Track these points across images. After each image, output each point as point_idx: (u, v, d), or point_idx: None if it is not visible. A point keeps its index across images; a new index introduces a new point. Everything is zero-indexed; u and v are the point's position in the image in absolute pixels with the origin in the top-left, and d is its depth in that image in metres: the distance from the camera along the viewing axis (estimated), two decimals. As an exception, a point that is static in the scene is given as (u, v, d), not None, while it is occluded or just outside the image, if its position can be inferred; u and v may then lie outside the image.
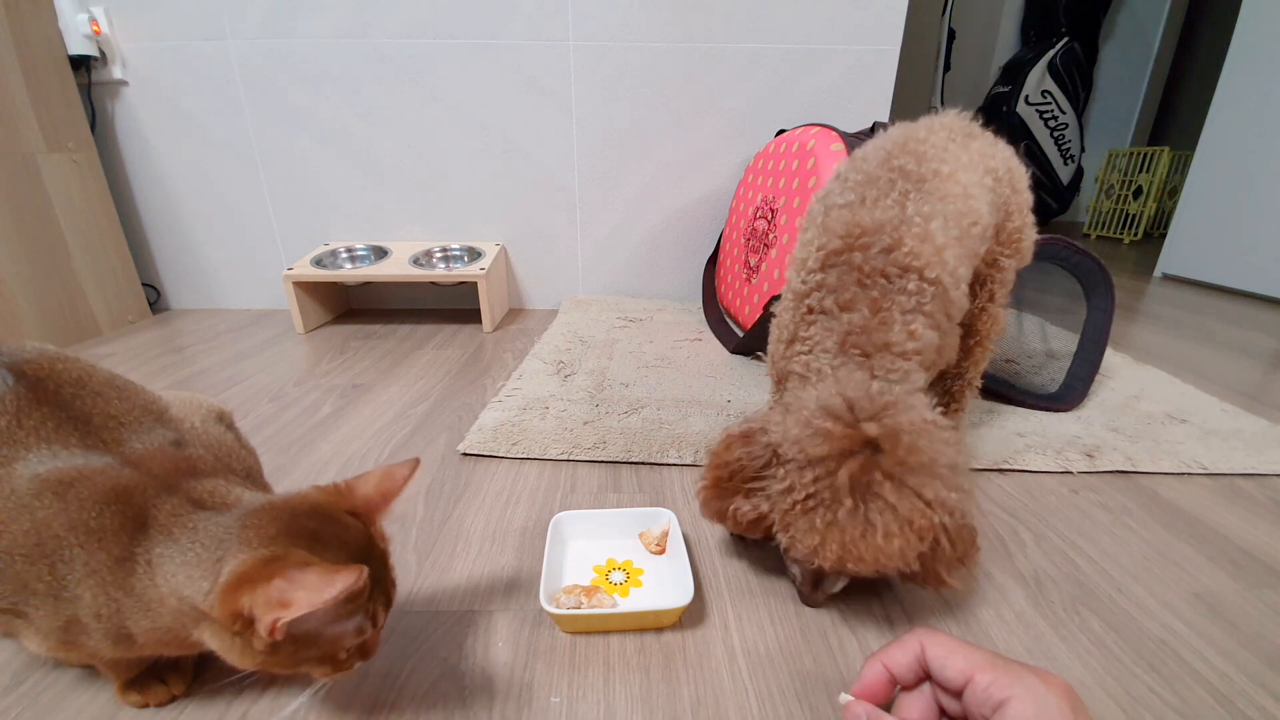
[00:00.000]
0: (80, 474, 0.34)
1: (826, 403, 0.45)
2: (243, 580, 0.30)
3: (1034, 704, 0.26)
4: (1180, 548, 0.59)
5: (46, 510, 0.33)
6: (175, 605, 0.32)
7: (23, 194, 1.08)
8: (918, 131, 0.60)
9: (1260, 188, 1.58)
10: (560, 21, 1.22)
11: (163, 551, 0.33)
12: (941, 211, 0.53)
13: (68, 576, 0.33)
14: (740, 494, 0.48)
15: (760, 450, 0.47)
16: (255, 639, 0.31)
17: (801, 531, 0.43)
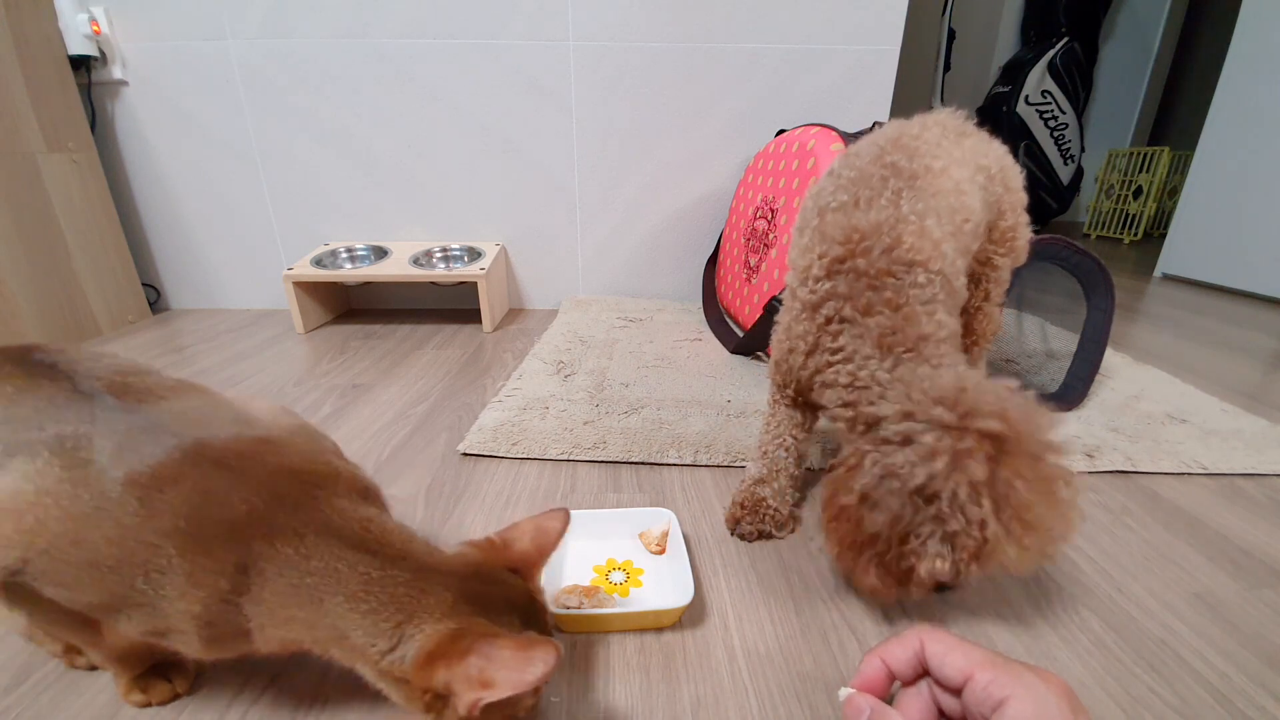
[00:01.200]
0: (164, 475, 0.33)
1: (935, 414, 0.41)
2: (437, 656, 0.31)
3: (1033, 703, 0.26)
4: (1180, 548, 0.59)
5: (133, 516, 0.32)
6: (327, 639, 0.33)
7: (23, 194, 1.08)
8: (910, 128, 0.60)
9: (1260, 188, 1.58)
10: (560, 21, 1.22)
11: (318, 584, 0.32)
12: (934, 208, 0.53)
13: (166, 586, 0.32)
14: (911, 555, 0.42)
15: (900, 501, 0.41)
16: (448, 712, 0.31)
17: (1012, 554, 0.39)
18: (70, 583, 0.33)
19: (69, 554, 0.32)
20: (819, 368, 0.53)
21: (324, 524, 0.34)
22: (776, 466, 0.61)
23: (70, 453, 0.33)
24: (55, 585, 0.33)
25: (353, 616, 0.32)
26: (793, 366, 0.56)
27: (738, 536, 0.60)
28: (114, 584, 0.32)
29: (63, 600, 0.33)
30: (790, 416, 0.61)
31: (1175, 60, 2.73)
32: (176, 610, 0.32)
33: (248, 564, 0.32)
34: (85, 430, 0.34)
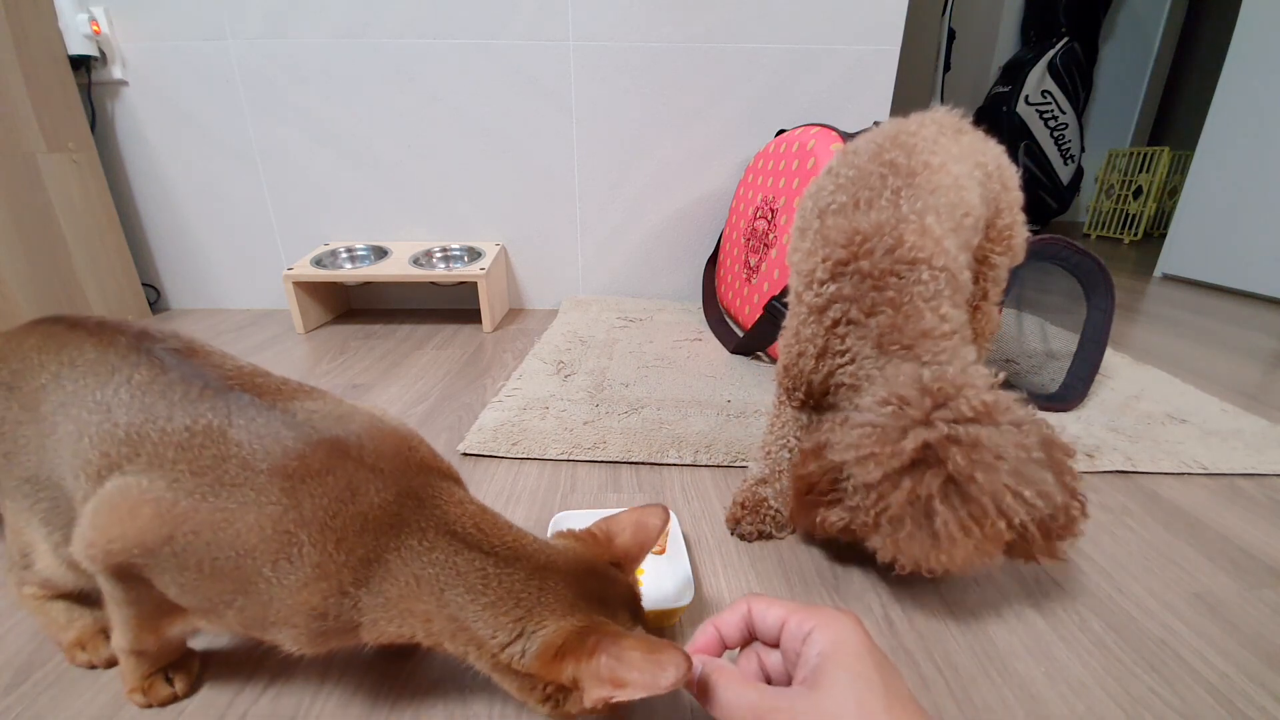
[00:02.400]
0: (309, 467, 0.34)
1: (872, 417, 0.45)
2: (566, 652, 0.32)
3: (834, 629, 0.32)
4: (1180, 548, 0.59)
5: (275, 505, 0.33)
6: (444, 630, 0.34)
7: (23, 194, 1.08)
8: (908, 125, 0.61)
9: (1260, 188, 1.58)
10: (560, 21, 1.22)
11: (439, 576, 0.33)
12: (934, 205, 0.53)
13: (290, 576, 0.32)
14: (822, 505, 0.49)
15: (828, 465, 0.48)
16: (570, 702, 0.33)
17: (877, 545, 0.46)
18: (191, 578, 0.33)
19: (195, 550, 0.33)
20: (830, 370, 0.54)
21: (444, 519, 0.35)
22: (779, 467, 0.61)
23: (202, 447, 0.34)
24: (174, 579, 0.34)
25: (473, 609, 0.33)
26: (803, 370, 0.56)
27: (738, 536, 0.60)
28: (241, 572, 0.33)
29: (174, 594, 0.34)
30: (796, 419, 0.61)
31: (1175, 60, 2.72)
32: (294, 601, 0.33)
33: (373, 557, 0.33)
34: (221, 423, 0.35)
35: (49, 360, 0.38)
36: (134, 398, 0.36)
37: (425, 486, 0.36)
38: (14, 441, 0.38)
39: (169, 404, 0.35)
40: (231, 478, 0.33)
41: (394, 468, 0.36)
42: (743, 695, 0.31)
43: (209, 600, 0.34)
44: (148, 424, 0.34)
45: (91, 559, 0.34)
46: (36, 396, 0.37)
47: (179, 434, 0.34)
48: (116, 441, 0.35)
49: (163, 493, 0.33)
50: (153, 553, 0.33)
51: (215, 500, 0.33)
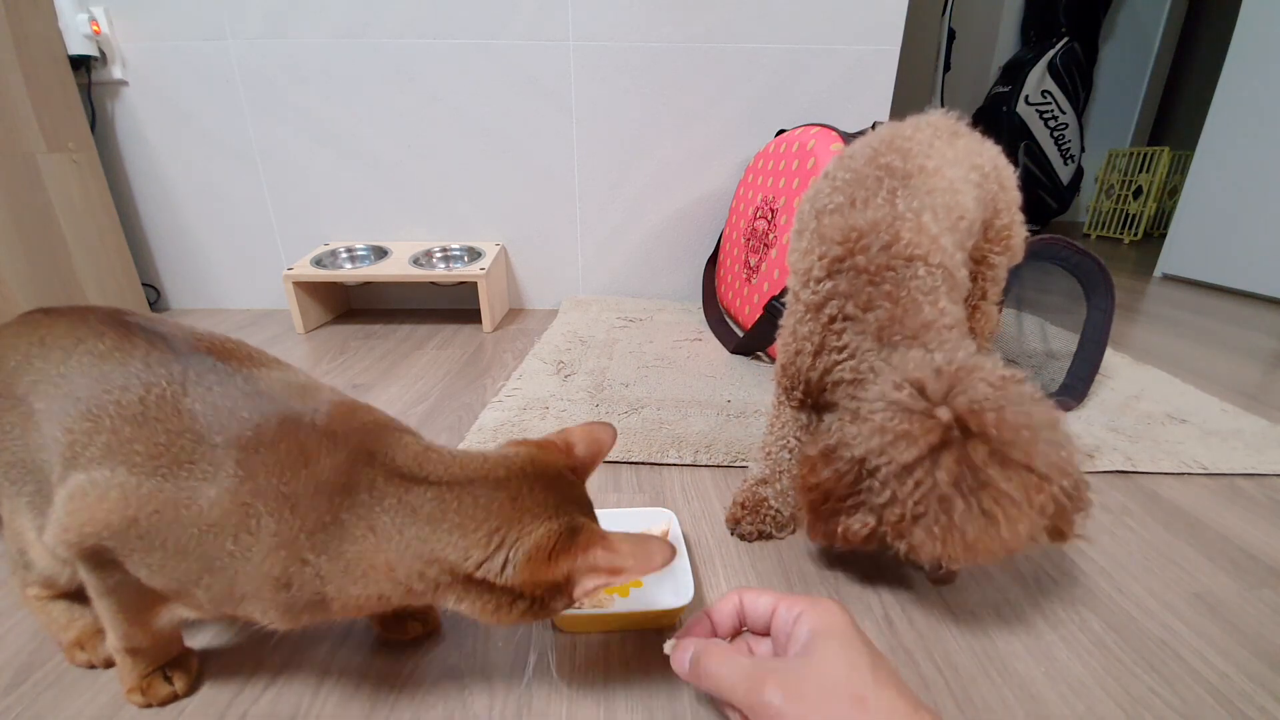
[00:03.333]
0: (263, 436, 0.34)
1: (895, 397, 0.43)
2: (558, 551, 0.33)
3: (822, 611, 0.34)
4: (1180, 548, 0.59)
5: (231, 478, 0.33)
6: (411, 571, 0.33)
7: (23, 194, 1.08)
8: (904, 129, 0.61)
9: (1260, 188, 1.58)
10: (560, 21, 1.22)
11: (394, 520, 0.33)
12: (929, 205, 0.53)
13: (252, 548, 0.32)
14: (842, 513, 0.46)
15: (846, 466, 0.45)
16: (556, 601, 0.34)
17: (920, 540, 0.41)
18: (158, 558, 0.33)
19: (159, 531, 0.33)
20: (828, 367, 0.53)
21: (390, 465, 0.35)
22: (779, 467, 0.61)
23: (156, 420, 0.34)
24: (144, 561, 0.34)
25: (437, 538, 0.33)
26: (801, 368, 0.56)
27: (738, 536, 0.60)
28: (205, 549, 0.33)
29: (145, 576, 0.34)
30: (795, 418, 0.61)
31: (1175, 60, 2.72)
32: (258, 574, 0.33)
33: (329, 520, 0.33)
34: (175, 392, 0.35)
35: (21, 342, 0.38)
36: (93, 366, 0.36)
37: (377, 443, 0.36)
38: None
39: (126, 373, 0.35)
40: (188, 454, 0.33)
41: (347, 430, 0.36)
42: (736, 664, 0.32)
43: (179, 581, 0.34)
44: (105, 396, 0.34)
45: (66, 544, 0.34)
46: (11, 380, 0.37)
47: (133, 407, 0.34)
48: (78, 417, 0.34)
49: (125, 478, 0.33)
50: (120, 535, 0.33)
51: (174, 480, 0.33)
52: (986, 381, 0.42)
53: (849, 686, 0.29)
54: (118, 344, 0.37)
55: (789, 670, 0.31)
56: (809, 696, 0.29)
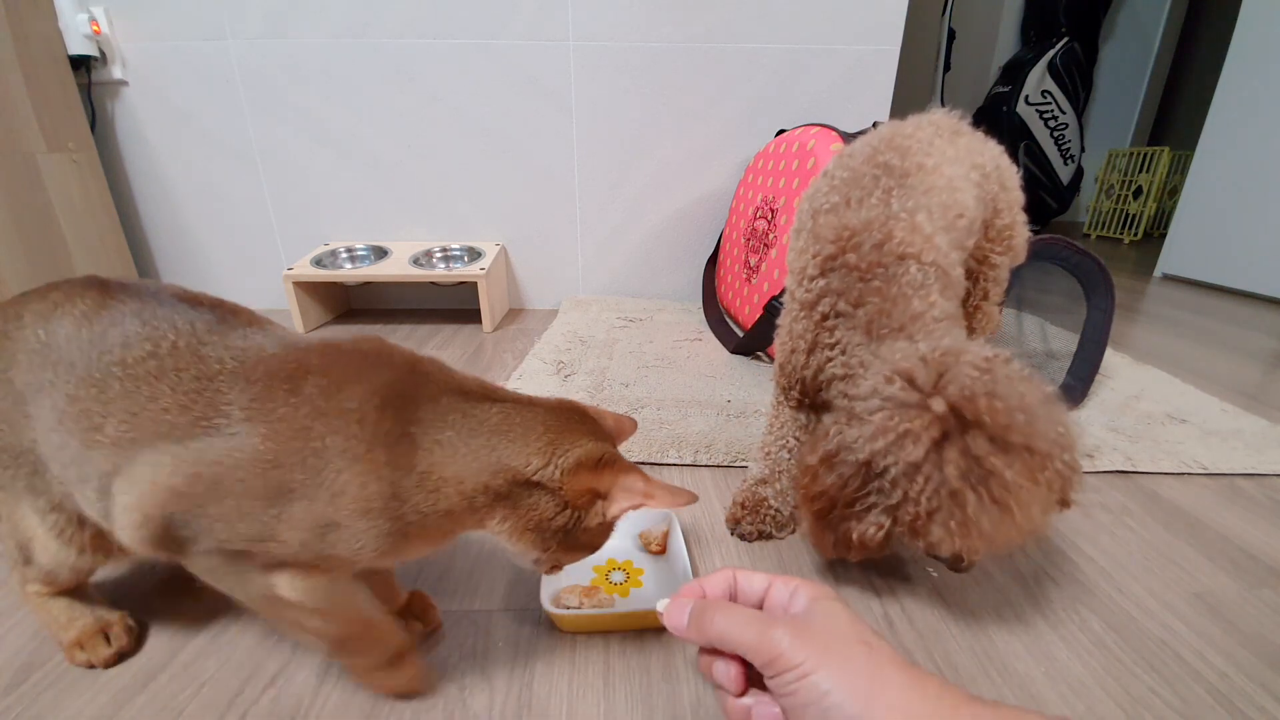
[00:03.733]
0: (307, 363, 0.35)
1: (888, 392, 0.43)
2: (605, 464, 0.37)
3: (817, 586, 0.34)
4: (1180, 548, 0.59)
5: (284, 407, 0.33)
6: (477, 483, 0.35)
7: (23, 194, 1.08)
8: (904, 128, 0.61)
9: (1260, 188, 1.58)
10: (560, 21, 1.22)
11: (459, 432, 0.35)
12: (925, 204, 0.53)
13: (323, 470, 0.33)
14: (851, 519, 0.45)
15: (851, 470, 0.44)
16: (588, 514, 0.38)
17: (938, 537, 0.41)
18: (233, 507, 0.33)
19: (224, 481, 0.33)
20: (820, 364, 0.53)
21: (449, 384, 0.38)
22: (779, 467, 0.61)
23: (179, 371, 0.34)
24: (220, 515, 0.33)
25: (503, 445, 0.36)
26: (795, 366, 0.56)
27: (737, 536, 0.60)
28: (276, 482, 0.33)
29: (226, 531, 0.33)
30: (794, 418, 0.61)
31: (1175, 60, 2.72)
32: (337, 495, 0.33)
33: (399, 432, 0.34)
34: (190, 342, 0.35)
35: (0, 324, 0.38)
36: (79, 328, 0.35)
37: (420, 363, 0.38)
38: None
39: (124, 331, 0.35)
40: (224, 398, 0.33)
41: (391, 351, 0.38)
42: (742, 613, 0.32)
43: (262, 524, 0.33)
44: (105, 357, 0.34)
45: (142, 538, 0.34)
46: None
47: (146, 364, 0.34)
48: (80, 383, 0.34)
49: (169, 449, 0.33)
50: (185, 498, 0.33)
51: (219, 431, 0.33)
52: (972, 364, 0.42)
53: (855, 632, 0.30)
54: (100, 303, 0.36)
55: (794, 620, 0.31)
56: (817, 638, 0.29)
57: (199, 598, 0.50)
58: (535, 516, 0.37)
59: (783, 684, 0.29)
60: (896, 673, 0.28)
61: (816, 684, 0.28)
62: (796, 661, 0.28)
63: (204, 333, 0.36)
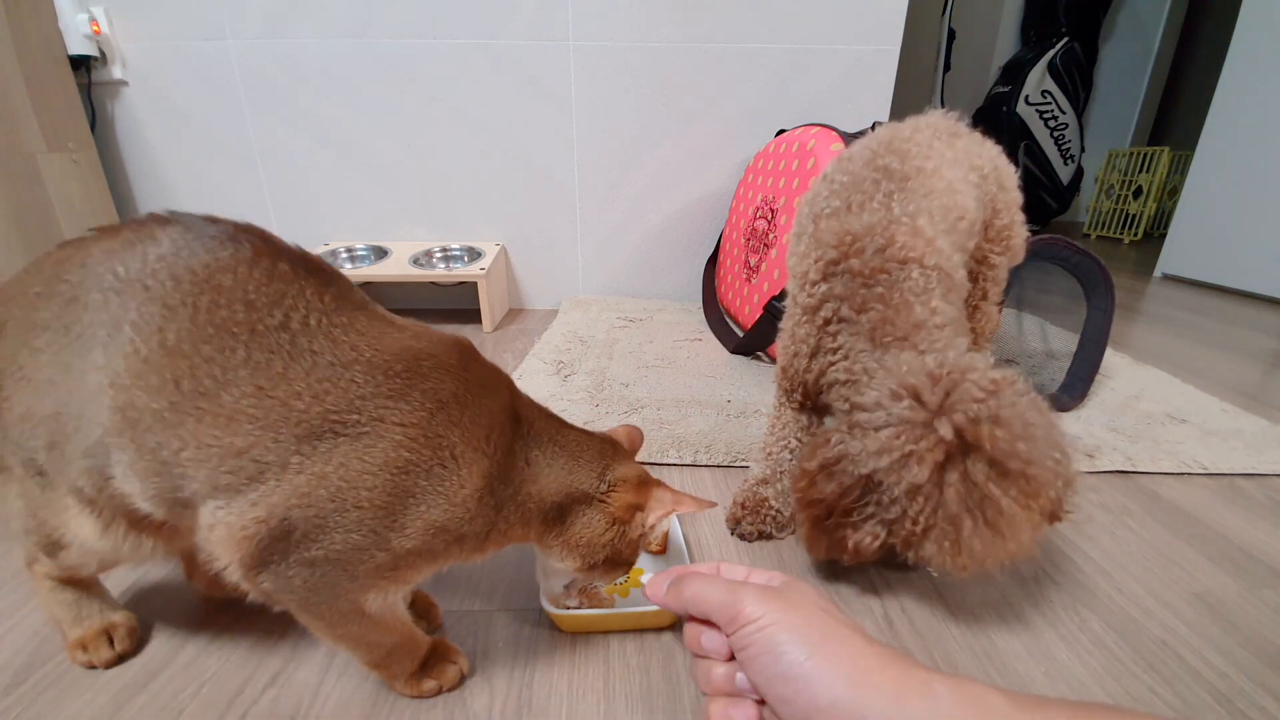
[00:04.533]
0: (446, 360, 0.36)
1: (896, 411, 0.43)
2: (644, 482, 0.42)
3: (791, 577, 0.36)
4: (1180, 548, 0.59)
5: (418, 411, 0.32)
6: (549, 502, 0.38)
7: (23, 194, 1.08)
8: (902, 130, 0.61)
9: (1260, 188, 1.58)
10: (560, 21, 1.22)
11: (546, 453, 0.39)
12: (927, 208, 0.53)
13: (448, 480, 0.33)
14: (848, 527, 0.46)
15: (851, 481, 0.45)
16: (631, 527, 0.41)
17: (930, 553, 0.43)
18: (355, 518, 0.31)
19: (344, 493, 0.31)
20: (822, 369, 0.53)
21: (537, 407, 0.41)
22: (781, 468, 0.61)
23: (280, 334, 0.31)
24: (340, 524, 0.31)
25: (575, 467, 0.40)
26: (798, 370, 0.56)
27: (737, 536, 0.60)
28: (401, 487, 0.32)
29: (342, 543, 0.31)
30: (796, 419, 0.61)
31: (1175, 60, 2.72)
32: (457, 504, 0.33)
33: (510, 445, 0.37)
34: (323, 316, 0.33)
35: (22, 290, 0.33)
36: (177, 267, 0.31)
37: (516, 386, 0.41)
38: (22, 399, 0.32)
39: (244, 287, 0.31)
40: (358, 390, 0.31)
41: (492, 365, 0.40)
42: (718, 584, 0.34)
43: (378, 536, 0.32)
44: (217, 310, 0.30)
45: (245, 543, 0.31)
46: (25, 336, 0.32)
47: (275, 335, 0.30)
48: (179, 332, 0.29)
49: (297, 442, 0.30)
50: (311, 500, 0.30)
51: (346, 429, 0.30)
52: (979, 386, 0.42)
53: (818, 602, 0.32)
54: (200, 244, 0.33)
55: (764, 588, 0.33)
56: (780, 598, 0.32)
57: (199, 597, 0.50)
58: (587, 534, 0.40)
59: (743, 637, 0.31)
60: (850, 633, 0.30)
61: (772, 634, 0.30)
62: (756, 615, 0.31)
63: (333, 311, 0.32)
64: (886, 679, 0.27)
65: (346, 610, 0.34)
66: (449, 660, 0.42)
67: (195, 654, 0.45)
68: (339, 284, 0.34)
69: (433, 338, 0.37)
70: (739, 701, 0.32)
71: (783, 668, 0.29)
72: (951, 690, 0.27)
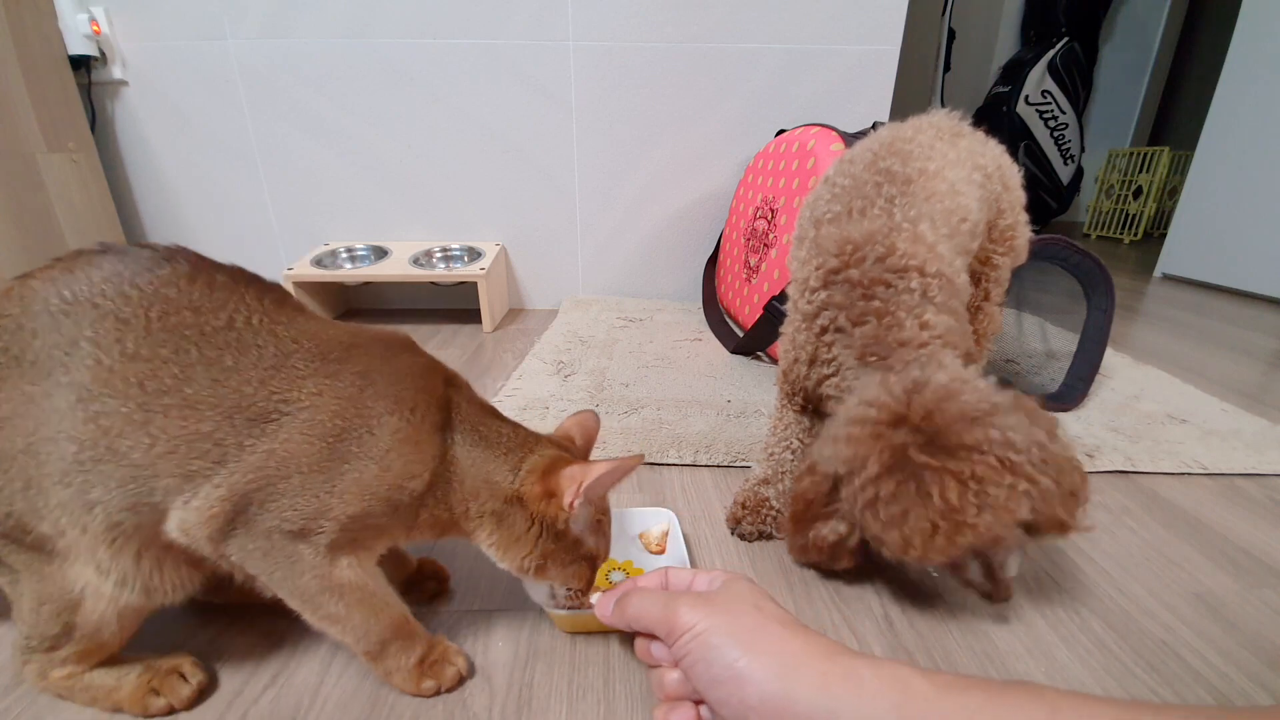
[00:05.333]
0: (360, 345, 0.38)
1: (855, 414, 0.45)
2: (554, 465, 0.41)
3: (733, 574, 0.37)
4: (1180, 548, 0.59)
5: (355, 386, 0.36)
6: (464, 490, 0.40)
7: (23, 194, 1.08)
8: (904, 131, 0.61)
9: (1260, 188, 1.58)
10: (560, 21, 1.22)
11: (469, 445, 0.40)
12: (928, 212, 0.53)
13: (376, 445, 0.36)
14: (818, 520, 0.48)
15: (822, 479, 0.47)
16: (554, 515, 0.40)
17: (891, 540, 0.42)
18: (298, 483, 0.34)
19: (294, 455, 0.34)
20: (820, 379, 0.54)
21: (474, 398, 0.43)
22: (781, 468, 0.61)
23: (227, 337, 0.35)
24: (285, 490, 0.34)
25: (493, 460, 0.40)
26: (798, 376, 0.56)
27: (738, 536, 0.60)
28: (336, 451, 0.35)
29: (290, 508, 0.35)
30: (797, 420, 0.62)
31: (1175, 60, 2.72)
32: (387, 468, 0.36)
33: (439, 425, 0.39)
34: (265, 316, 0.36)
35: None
36: (120, 286, 0.33)
37: (453, 374, 0.43)
38: (16, 453, 0.32)
39: (189, 296, 0.34)
40: (298, 372, 0.35)
41: (426, 356, 0.42)
42: (655, 597, 0.35)
43: (320, 501, 0.35)
44: (168, 317, 0.33)
45: (214, 522, 0.34)
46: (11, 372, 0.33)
47: (224, 334, 0.34)
48: (138, 338, 0.32)
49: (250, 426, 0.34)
50: (264, 473, 0.34)
51: (290, 407, 0.34)
52: (933, 390, 0.43)
53: (751, 601, 0.33)
54: (139, 264, 0.34)
55: (698, 595, 0.35)
56: (712, 604, 0.33)
57: (199, 601, 0.50)
58: (510, 533, 0.41)
59: (680, 647, 0.32)
60: (779, 628, 0.31)
61: (706, 640, 0.31)
62: (690, 623, 0.32)
63: (273, 311, 0.36)
64: (813, 670, 0.28)
65: (316, 584, 0.37)
66: (448, 661, 0.42)
67: (195, 654, 0.45)
68: (276, 291, 0.38)
69: (368, 333, 0.40)
70: (678, 705, 0.34)
71: (716, 671, 0.30)
72: (876, 674, 0.28)
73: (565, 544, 0.41)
